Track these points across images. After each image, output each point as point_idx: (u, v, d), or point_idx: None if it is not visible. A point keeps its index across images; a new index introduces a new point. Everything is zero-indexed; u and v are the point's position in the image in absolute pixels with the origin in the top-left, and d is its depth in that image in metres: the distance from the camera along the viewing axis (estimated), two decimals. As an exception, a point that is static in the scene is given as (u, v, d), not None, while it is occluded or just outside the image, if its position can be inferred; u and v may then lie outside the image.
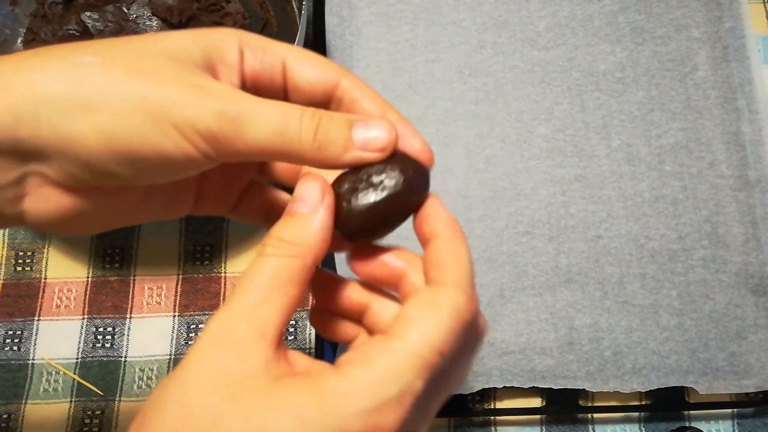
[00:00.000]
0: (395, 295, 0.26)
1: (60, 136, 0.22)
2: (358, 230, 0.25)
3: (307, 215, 0.23)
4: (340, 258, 0.50)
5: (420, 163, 0.25)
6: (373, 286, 0.26)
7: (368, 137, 0.24)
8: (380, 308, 0.26)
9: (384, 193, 0.24)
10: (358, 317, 0.27)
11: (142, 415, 0.22)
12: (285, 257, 0.23)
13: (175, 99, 0.22)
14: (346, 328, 0.27)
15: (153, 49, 0.23)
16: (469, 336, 0.23)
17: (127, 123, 0.22)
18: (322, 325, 0.27)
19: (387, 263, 0.25)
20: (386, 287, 0.26)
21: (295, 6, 0.56)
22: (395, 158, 0.24)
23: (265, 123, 0.23)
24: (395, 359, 0.21)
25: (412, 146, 0.26)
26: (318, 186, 0.24)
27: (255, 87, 0.25)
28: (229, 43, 0.24)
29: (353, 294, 0.26)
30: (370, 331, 0.25)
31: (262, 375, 0.21)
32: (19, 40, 0.59)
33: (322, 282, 0.27)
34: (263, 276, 0.22)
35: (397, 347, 0.22)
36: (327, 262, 0.52)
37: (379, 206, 0.24)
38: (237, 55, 0.25)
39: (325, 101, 0.26)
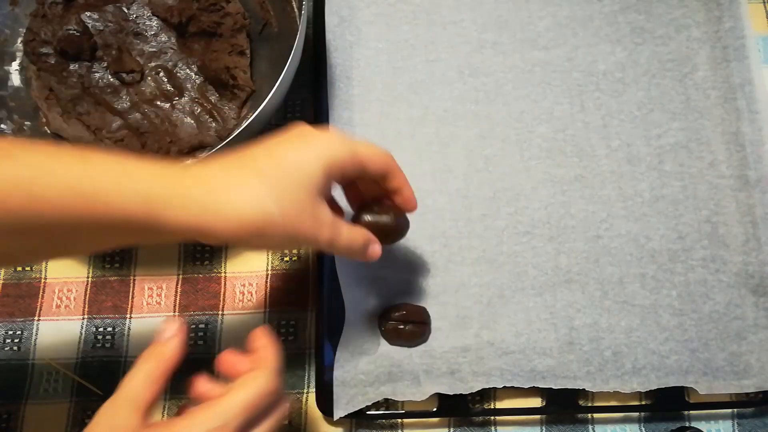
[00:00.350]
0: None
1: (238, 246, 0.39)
2: (377, 230, 0.44)
3: (168, 340, 0.38)
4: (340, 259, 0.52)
5: (404, 214, 0.46)
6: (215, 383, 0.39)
7: (371, 254, 0.43)
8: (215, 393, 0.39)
9: (386, 220, 0.45)
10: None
11: None
12: (151, 365, 0.37)
13: (307, 232, 0.38)
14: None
15: (295, 176, 0.37)
16: (271, 399, 0.37)
17: (276, 241, 0.38)
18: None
19: (239, 368, 0.39)
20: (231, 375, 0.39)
21: (295, 6, 0.56)
22: (394, 210, 0.45)
23: (345, 245, 0.41)
24: (222, 406, 0.35)
25: (409, 201, 0.45)
26: (176, 325, 0.38)
27: (344, 172, 0.40)
28: (339, 164, 0.39)
29: (210, 389, 0.39)
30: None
31: (137, 428, 0.35)
32: (19, 40, 0.59)
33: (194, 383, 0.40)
34: (139, 375, 0.36)
35: (225, 399, 0.35)
36: (330, 262, 0.52)
37: (380, 227, 0.45)
38: (341, 171, 0.39)
39: (382, 177, 0.43)
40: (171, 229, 0.35)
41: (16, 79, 0.58)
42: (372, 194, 0.45)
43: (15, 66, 0.58)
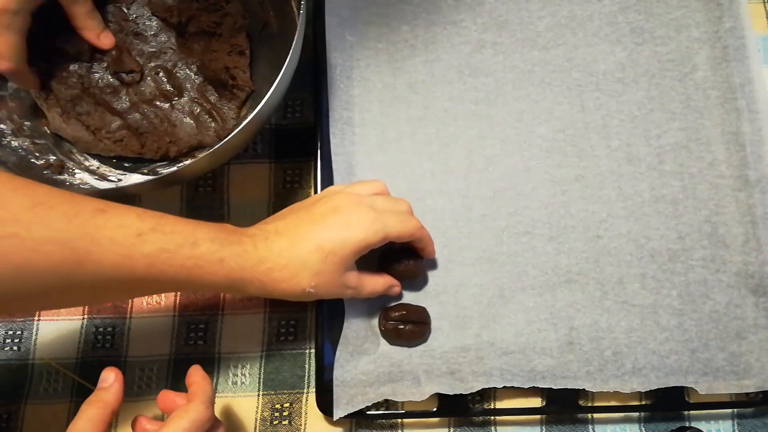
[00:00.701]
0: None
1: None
2: (398, 274, 0.52)
3: (107, 387, 0.44)
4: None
5: (421, 258, 0.53)
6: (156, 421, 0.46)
7: (392, 293, 0.52)
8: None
9: (408, 266, 0.52)
10: None
11: None
12: (95, 409, 0.42)
13: (335, 296, 0.49)
14: None
15: (330, 260, 0.46)
16: (206, 426, 0.42)
17: (310, 300, 0.49)
18: None
19: (177, 403, 0.45)
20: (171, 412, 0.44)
21: (295, 6, 0.56)
22: (414, 255, 0.52)
23: (367, 295, 0.50)
24: None
25: (431, 254, 0.53)
26: (113, 374, 0.44)
27: (374, 248, 0.48)
28: (371, 246, 0.47)
29: (150, 427, 0.45)
30: None
31: None
32: (19, 40, 0.58)
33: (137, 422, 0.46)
34: (83, 419, 0.41)
35: (165, 429, 0.41)
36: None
37: (402, 272, 0.52)
38: (371, 248, 0.48)
39: (410, 241, 0.51)
40: (241, 294, 0.54)
41: (15, 79, 0.58)
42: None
43: (15, 66, 0.58)
